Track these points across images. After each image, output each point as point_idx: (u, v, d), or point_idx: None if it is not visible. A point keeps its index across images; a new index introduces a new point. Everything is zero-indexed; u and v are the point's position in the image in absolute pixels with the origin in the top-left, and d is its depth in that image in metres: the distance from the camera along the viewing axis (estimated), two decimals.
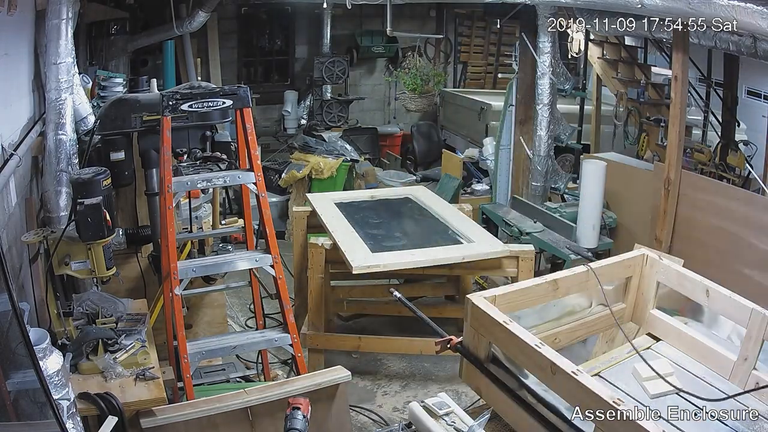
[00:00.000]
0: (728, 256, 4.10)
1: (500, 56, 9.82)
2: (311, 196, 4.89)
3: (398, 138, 9.26)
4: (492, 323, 2.24)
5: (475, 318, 2.32)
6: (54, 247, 2.95)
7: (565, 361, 2.02)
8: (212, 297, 4.37)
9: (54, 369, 2.24)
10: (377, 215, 4.68)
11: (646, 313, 2.74)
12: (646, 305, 2.74)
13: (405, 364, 4.60)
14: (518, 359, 2.21)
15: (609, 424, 1.84)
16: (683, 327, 2.64)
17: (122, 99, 3.89)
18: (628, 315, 2.79)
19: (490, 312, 2.26)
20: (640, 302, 2.76)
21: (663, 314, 2.70)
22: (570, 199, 5.50)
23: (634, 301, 2.77)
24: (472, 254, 3.99)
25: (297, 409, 2.48)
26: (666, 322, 2.68)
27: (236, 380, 4.00)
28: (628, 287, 2.76)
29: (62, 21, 3.56)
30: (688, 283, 2.59)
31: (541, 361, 2.06)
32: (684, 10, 3.51)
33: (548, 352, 2.06)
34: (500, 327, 2.21)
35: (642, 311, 2.76)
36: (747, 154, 5.89)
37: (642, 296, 2.75)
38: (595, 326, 2.74)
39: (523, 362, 2.19)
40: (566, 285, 2.57)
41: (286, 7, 8.79)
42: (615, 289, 2.77)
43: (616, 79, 6.77)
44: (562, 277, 2.58)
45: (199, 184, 3.38)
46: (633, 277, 2.74)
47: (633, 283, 2.75)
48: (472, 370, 2.40)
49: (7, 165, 2.94)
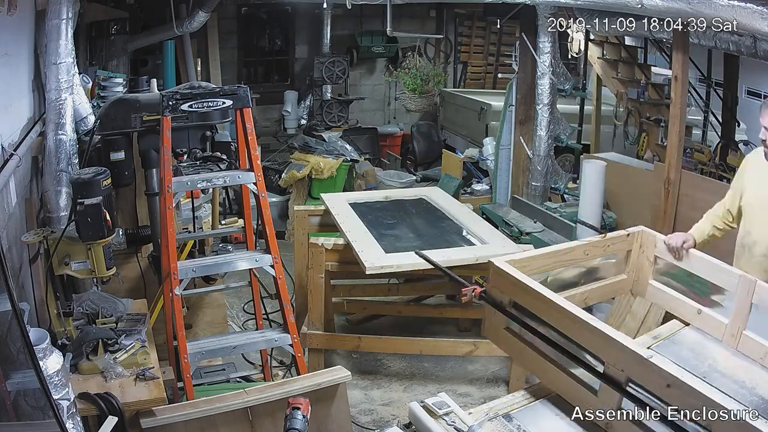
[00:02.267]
0: (728, 256, 4.09)
1: (500, 56, 9.82)
2: (325, 196, 4.89)
3: (398, 138, 9.25)
4: (514, 283, 2.43)
5: (497, 277, 2.52)
6: (54, 247, 2.95)
7: (574, 305, 2.22)
8: (212, 297, 4.37)
9: (54, 369, 2.23)
10: (391, 216, 4.69)
11: (646, 284, 2.92)
12: (646, 277, 2.92)
13: (405, 364, 4.60)
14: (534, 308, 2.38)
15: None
16: (681, 297, 2.80)
17: (122, 99, 3.89)
18: (628, 286, 2.98)
19: (512, 272, 2.45)
20: (641, 274, 2.93)
21: (662, 285, 2.88)
22: (570, 199, 5.50)
23: (635, 273, 2.95)
24: (485, 255, 3.95)
25: (297, 409, 2.48)
26: (665, 292, 2.86)
27: (236, 380, 4.00)
28: (628, 260, 2.93)
29: (62, 21, 3.55)
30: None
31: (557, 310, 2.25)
32: (684, 10, 3.52)
33: (556, 297, 2.27)
34: (522, 285, 2.40)
35: (643, 283, 2.93)
36: (747, 154, 5.89)
37: (642, 269, 2.92)
38: (601, 292, 2.94)
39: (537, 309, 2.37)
40: (578, 253, 2.78)
41: (286, 7, 8.79)
42: (617, 263, 2.96)
43: (616, 79, 6.78)
44: (577, 245, 2.82)
45: (199, 184, 3.38)
46: (632, 251, 2.91)
47: (633, 256, 2.92)
48: (494, 319, 2.58)
49: (7, 165, 2.94)
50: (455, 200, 5.09)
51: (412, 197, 5.08)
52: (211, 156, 3.63)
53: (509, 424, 2.30)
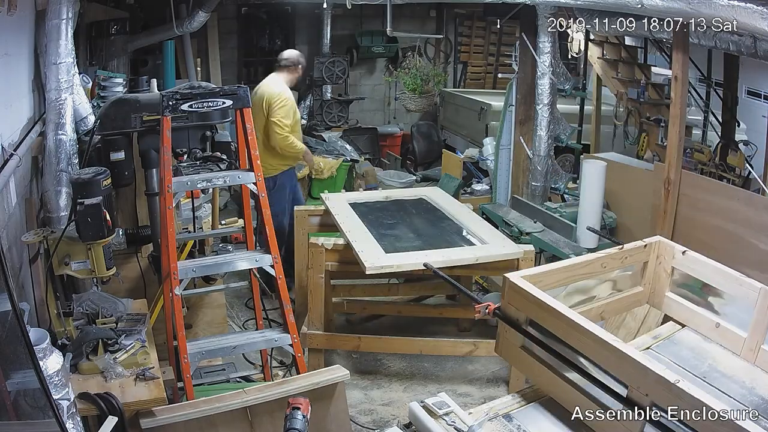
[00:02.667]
0: (728, 256, 4.07)
1: (500, 56, 9.83)
2: (325, 196, 4.89)
3: (398, 138, 9.25)
4: (531, 299, 2.35)
5: (513, 293, 2.44)
6: (54, 247, 2.95)
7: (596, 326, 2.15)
8: (212, 297, 4.37)
9: (54, 369, 2.24)
10: (391, 216, 4.69)
11: (663, 296, 2.88)
12: (663, 289, 2.88)
13: (405, 364, 4.60)
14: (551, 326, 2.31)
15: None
16: (698, 309, 2.75)
17: (122, 99, 3.88)
18: (645, 298, 2.93)
19: (528, 288, 2.37)
20: (657, 286, 2.89)
21: (679, 297, 2.83)
22: (570, 199, 5.49)
23: (651, 285, 2.90)
24: (485, 255, 3.97)
25: (297, 409, 2.47)
26: (682, 305, 2.80)
27: (236, 380, 4.00)
28: (644, 272, 2.89)
29: (62, 21, 3.55)
30: (700, 267, 2.74)
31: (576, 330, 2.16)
32: (684, 10, 3.51)
33: (576, 317, 2.18)
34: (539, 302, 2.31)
35: (659, 295, 2.89)
36: (747, 154, 5.90)
37: (658, 280, 2.88)
38: (617, 306, 2.89)
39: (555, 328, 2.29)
40: (596, 266, 2.71)
41: (286, 7, 8.79)
42: (633, 274, 2.91)
43: (616, 79, 6.78)
44: (595, 257, 2.74)
45: (199, 184, 3.38)
46: (649, 262, 2.87)
47: (649, 267, 2.87)
48: (509, 337, 2.50)
49: (7, 165, 2.94)
50: (455, 200, 5.09)
51: (413, 197, 5.08)
52: (211, 156, 3.63)
53: (509, 424, 2.30)
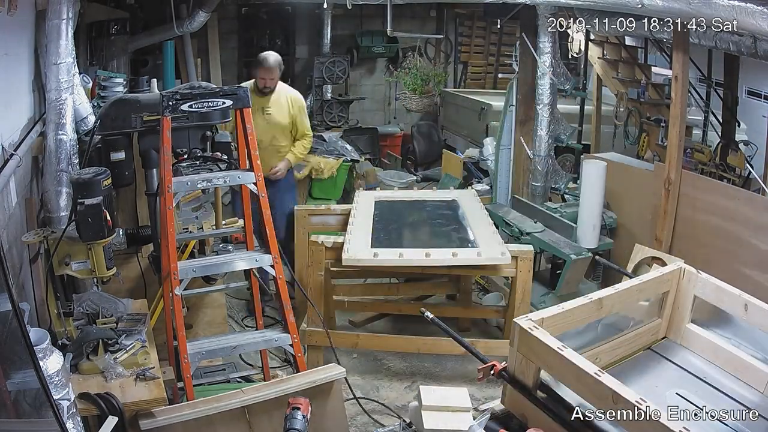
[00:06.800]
0: (728, 256, 4.10)
1: (500, 56, 9.82)
2: (360, 192, 5.10)
3: (398, 138, 9.25)
4: (544, 349, 2.11)
5: (524, 343, 2.19)
6: (54, 247, 2.95)
7: (629, 390, 1.91)
8: (212, 297, 4.37)
9: (54, 369, 2.24)
10: (406, 215, 4.73)
11: (683, 327, 2.69)
12: (682, 320, 2.69)
13: (405, 364, 4.60)
14: (574, 387, 2.09)
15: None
16: (720, 341, 2.58)
17: (122, 99, 3.88)
18: (664, 330, 2.74)
19: (542, 337, 2.12)
20: (676, 317, 2.70)
21: (699, 329, 2.65)
22: (570, 199, 5.49)
23: (670, 316, 2.72)
24: (465, 259, 3.98)
25: (297, 409, 2.48)
26: (703, 337, 2.62)
27: (236, 380, 4.00)
28: (664, 302, 2.70)
29: (62, 21, 3.55)
30: (726, 297, 2.54)
31: (600, 390, 1.94)
32: (684, 10, 3.51)
33: (609, 380, 1.94)
34: (553, 353, 2.07)
35: (678, 326, 2.71)
36: (747, 154, 5.90)
37: (678, 311, 2.69)
38: (634, 343, 2.66)
39: (579, 390, 2.07)
40: (610, 302, 2.49)
41: (286, 7, 8.78)
42: (651, 305, 2.72)
43: (617, 79, 6.78)
44: (606, 295, 2.49)
45: (199, 184, 3.38)
46: (669, 292, 2.68)
47: (669, 297, 2.69)
48: (517, 398, 2.29)
49: (8, 165, 2.94)
50: (481, 205, 4.96)
51: (444, 199, 5.08)
52: (211, 156, 3.63)
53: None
